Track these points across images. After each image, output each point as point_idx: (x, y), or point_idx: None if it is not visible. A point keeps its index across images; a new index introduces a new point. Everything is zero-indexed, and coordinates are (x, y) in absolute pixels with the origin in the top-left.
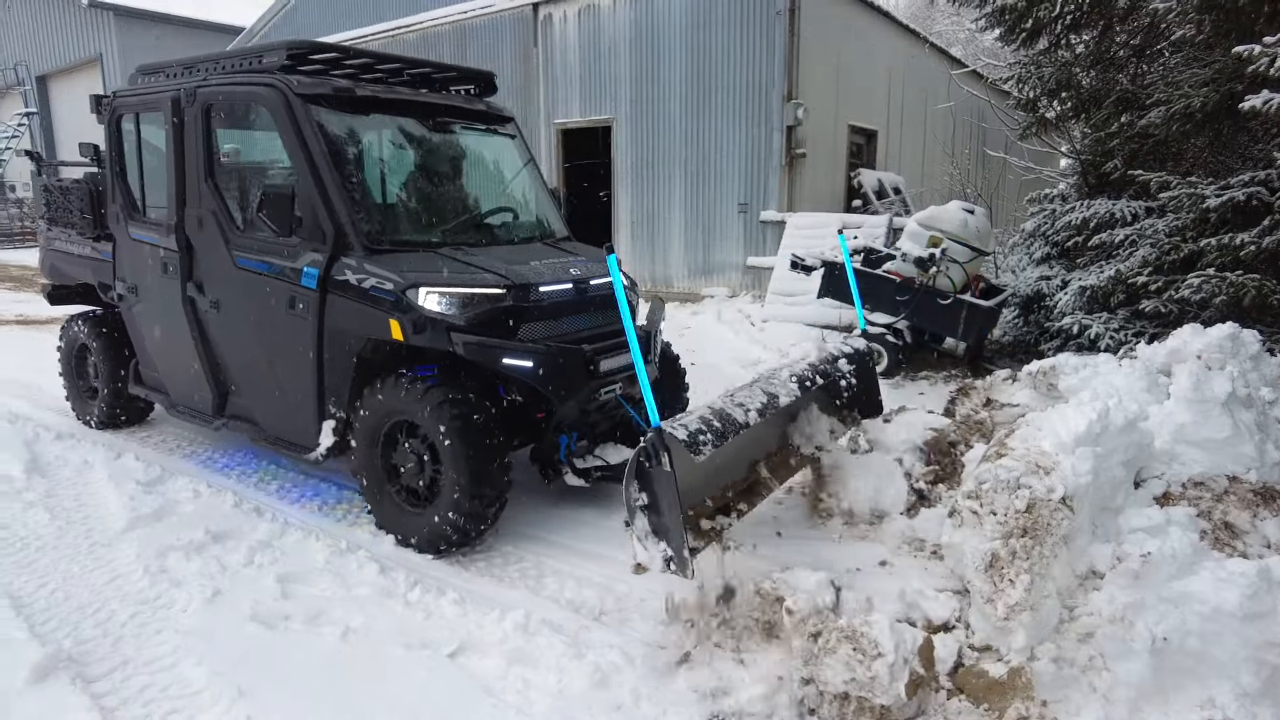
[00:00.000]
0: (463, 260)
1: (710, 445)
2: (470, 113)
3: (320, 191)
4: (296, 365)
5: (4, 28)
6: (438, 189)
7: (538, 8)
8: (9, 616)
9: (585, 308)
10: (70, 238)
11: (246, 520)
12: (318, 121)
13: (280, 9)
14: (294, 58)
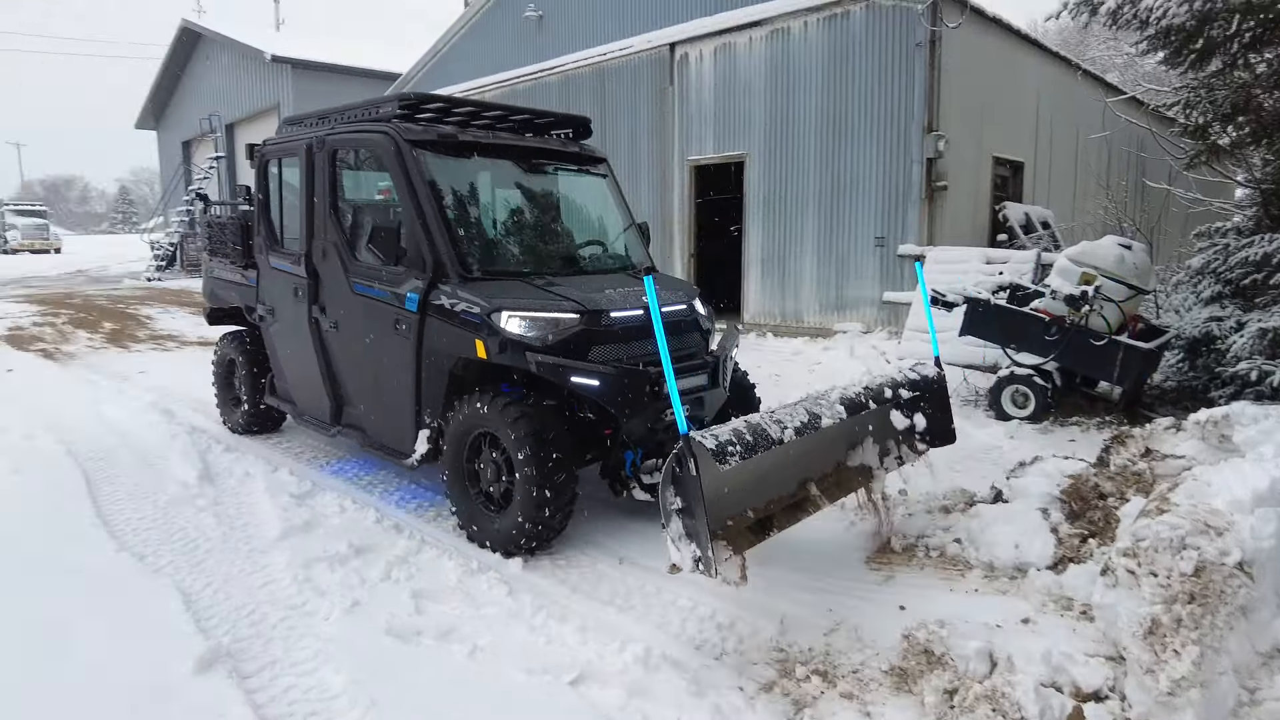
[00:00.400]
0: (544, 288)
1: (738, 456)
2: (563, 154)
3: (422, 226)
4: (399, 379)
5: (202, 82)
6: (529, 223)
7: (674, 48)
8: (179, 610)
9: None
10: (225, 266)
11: (386, 536)
12: (422, 164)
13: (431, 57)
14: (406, 108)
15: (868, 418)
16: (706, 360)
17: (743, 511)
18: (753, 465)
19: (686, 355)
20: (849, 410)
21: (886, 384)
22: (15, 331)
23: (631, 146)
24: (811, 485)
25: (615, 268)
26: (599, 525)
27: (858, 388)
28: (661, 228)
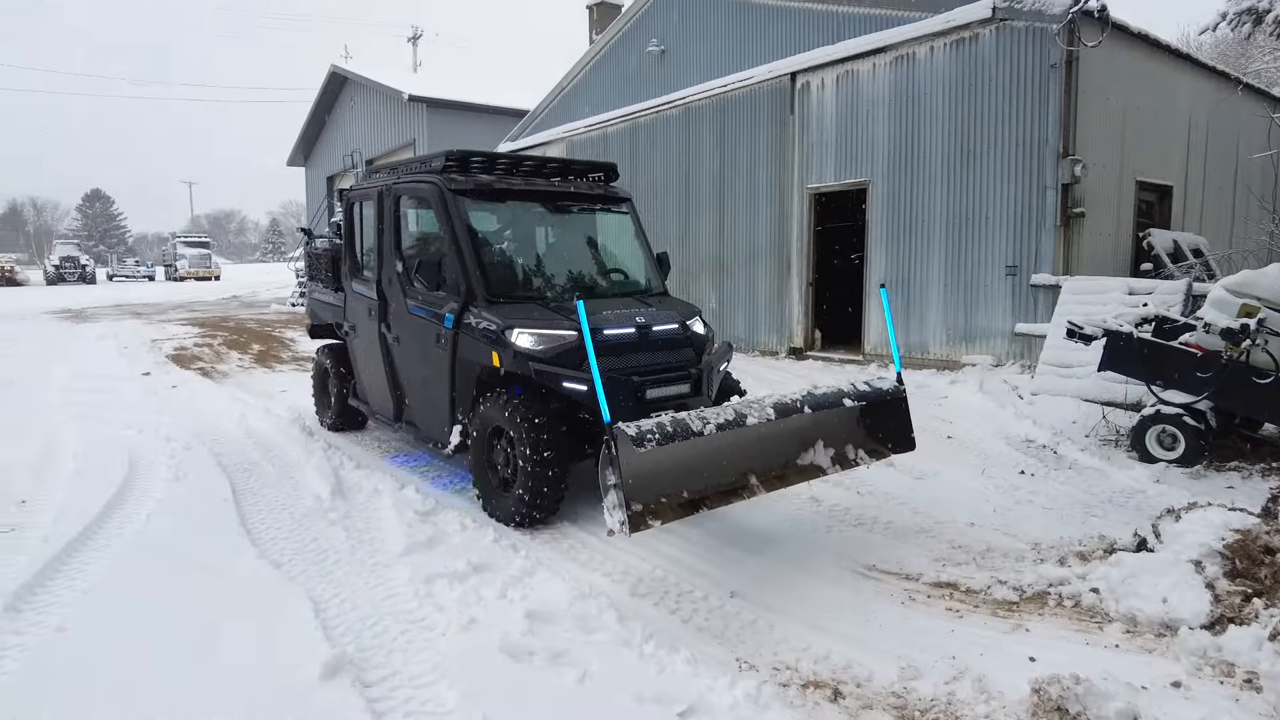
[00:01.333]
0: (554, 310)
1: (655, 443)
2: (588, 196)
3: (458, 259)
4: (439, 384)
5: (346, 122)
6: (552, 256)
7: (795, 77)
8: (309, 617)
9: (646, 347)
10: (321, 290)
11: (503, 556)
12: (461, 208)
13: (557, 94)
14: (453, 161)
15: (818, 423)
16: (690, 372)
17: (677, 490)
18: (683, 453)
19: (673, 367)
20: (778, 413)
21: (834, 394)
22: (180, 351)
23: (750, 175)
24: (752, 476)
25: (627, 292)
26: (710, 558)
27: (796, 395)
28: (779, 256)
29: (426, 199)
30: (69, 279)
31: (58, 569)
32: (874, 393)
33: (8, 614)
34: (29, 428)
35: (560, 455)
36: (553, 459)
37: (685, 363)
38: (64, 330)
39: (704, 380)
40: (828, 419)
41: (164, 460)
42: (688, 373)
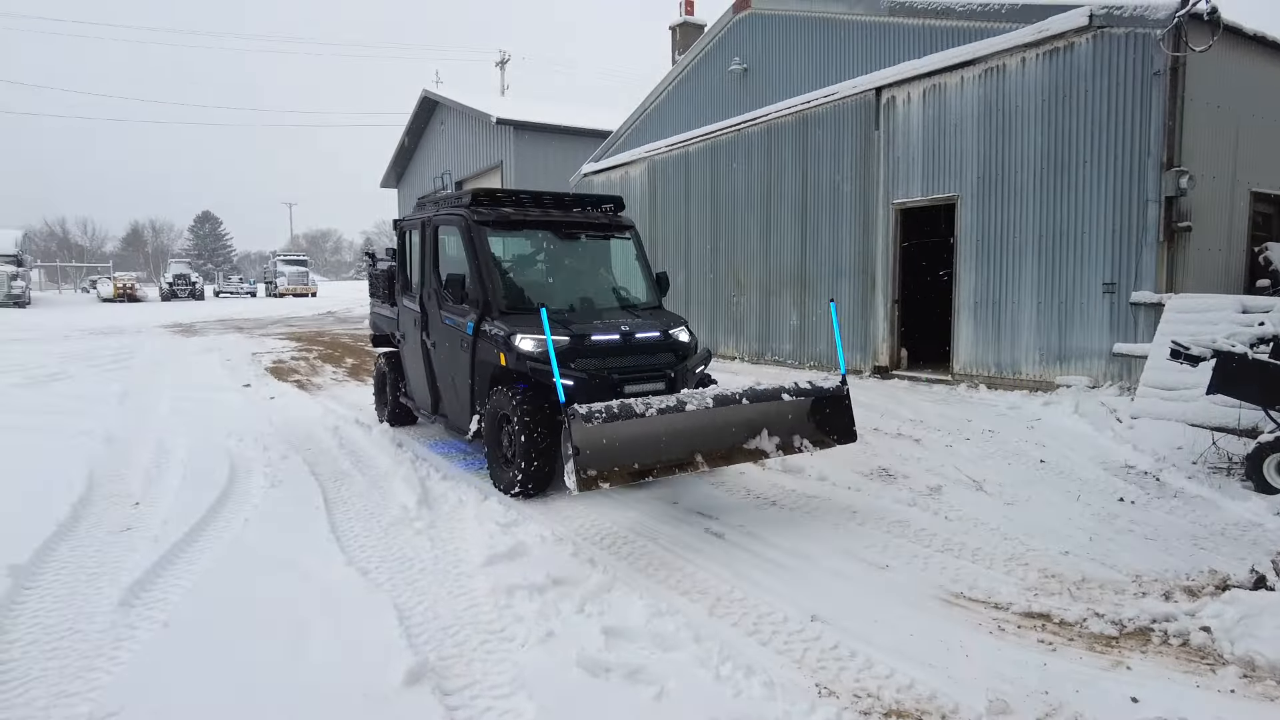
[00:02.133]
0: (553, 320)
1: (601, 420)
2: (593, 224)
3: (478, 278)
4: (463, 380)
5: (436, 144)
6: (559, 275)
7: (880, 92)
8: (394, 624)
9: (629, 351)
10: (380, 305)
11: (581, 570)
12: (481, 236)
13: (640, 114)
14: (478, 197)
15: (765, 414)
16: (667, 372)
17: (628, 462)
18: (632, 431)
19: (650, 367)
20: (717, 403)
21: (773, 389)
22: (278, 364)
23: (834, 192)
24: (698, 455)
25: (624, 306)
26: (790, 580)
27: (737, 390)
28: (863, 273)
29: (455, 228)
30: (180, 295)
31: (165, 568)
32: (815, 390)
33: (122, 608)
34: (143, 435)
35: (551, 439)
36: (543, 442)
37: (663, 364)
38: (174, 343)
39: (679, 379)
40: (775, 411)
41: (261, 468)
42: (664, 372)
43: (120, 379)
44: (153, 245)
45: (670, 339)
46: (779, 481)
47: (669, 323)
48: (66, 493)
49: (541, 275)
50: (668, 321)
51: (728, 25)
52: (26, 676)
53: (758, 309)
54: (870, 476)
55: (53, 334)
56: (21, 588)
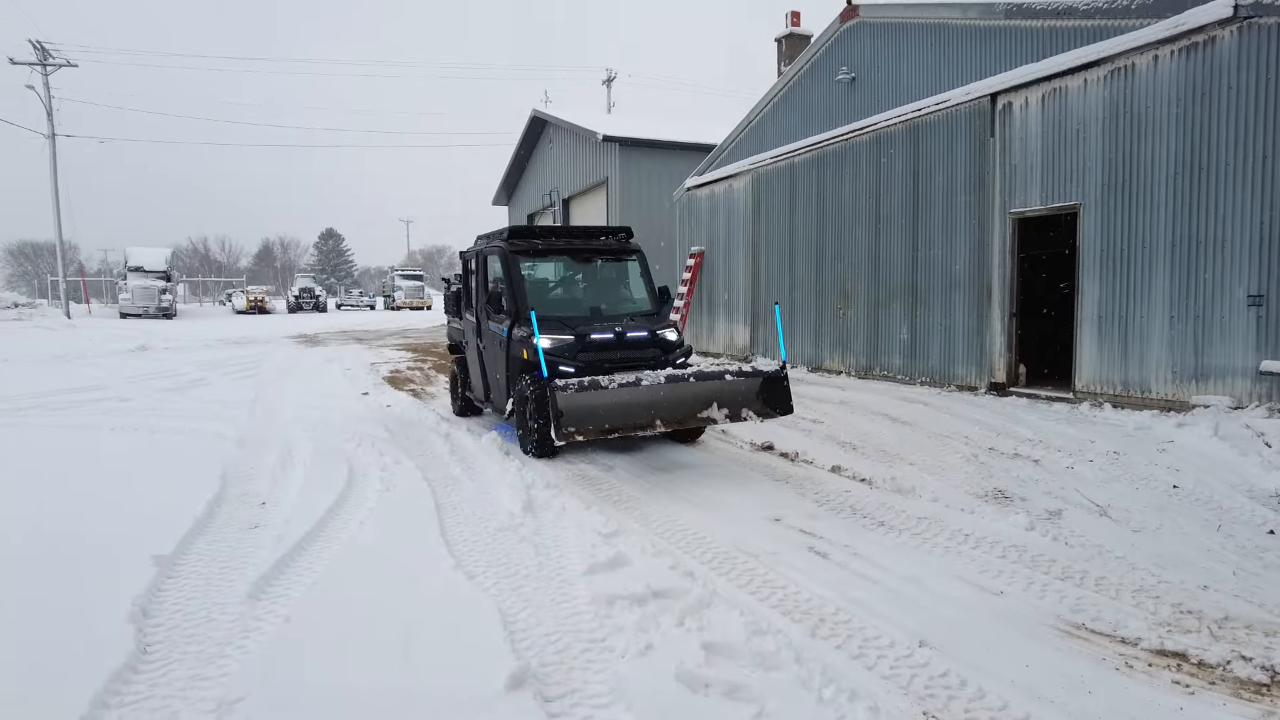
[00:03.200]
0: (565, 324)
1: (574, 391)
2: (606, 250)
3: (510, 294)
4: (502, 373)
5: (545, 162)
6: (576, 290)
7: (996, 98)
8: (498, 628)
9: (621, 347)
10: (452, 319)
11: (681, 583)
12: (515, 262)
13: (744, 127)
14: (515, 232)
15: (711, 388)
16: (651, 363)
17: (599, 424)
18: (603, 400)
19: (636, 359)
20: (669, 380)
21: (717, 371)
22: (394, 374)
23: (946, 202)
24: (658, 419)
25: (627, 313)
26: (896, 602)
27: (686, 372)
28: (978, 285)
29: (498, 256)
30: (305, 307)
31: (288, 565)
32: (758, 373)
33: (250, 600)
34: (270, 439)
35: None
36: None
37: (649, 357)
38: (300, 353)
39: (664, 368)
40: (727, 388)
41: (377, 472)
42: (649, 363)
43: (251, 386)
44: (281, 261)
45: (657, 338)
46: (888, 501)
47: (657, 325)
48: (203, 490)
49: (561, 290)
50: (657, 324)
51: (835, 35)
52: (168, 658)
53: (865, 322)
54: (985, 498)
55: (194, 343)
56: (165, 576)
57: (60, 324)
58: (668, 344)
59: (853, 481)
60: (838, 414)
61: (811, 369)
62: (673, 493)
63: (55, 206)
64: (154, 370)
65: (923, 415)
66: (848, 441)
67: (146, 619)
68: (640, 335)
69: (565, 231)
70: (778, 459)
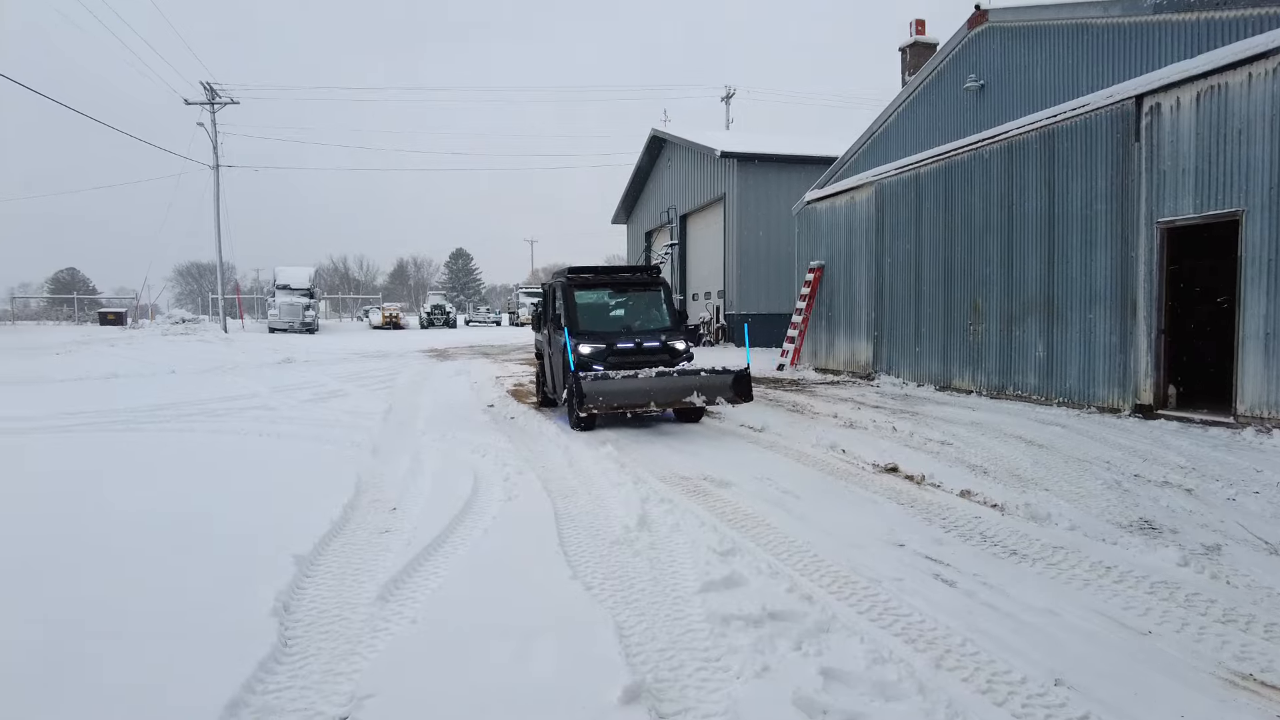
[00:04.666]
0: (602, 335)
1: (592, 380)
2: (638, 282)
3: (568, 314)
4: (561, 373)
5: (663, 180)
6: (614, 310)
7: (1142, 100)
8: (613, 641)
9: (637, 352)
10: (536, 334)
11: (798, 606)
12: (571, 292)
13: (867, 139)
14: (572, 270)
15: (691, 381)
16: (662, 362)
17: (611, 405)
18: (613, 388)
19: (649, 361)
20: (659, 375)
21: (693, 370)
22: (518, 388)
23: (1085, 210)
24: (652, 402)
25: (652, 329)
26: (1028, 635)
27: (671, 370)
28: (1120, 299)
29: (558, 288)
30: (436, 323)
31: (415, 569)
32: (728, 371)
33: (379, 602)
34: (402, 448)
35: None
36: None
37: (659, 360)
38: (430, 367)
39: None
40: (704, 382)
41: (500, 482)
42: (661, 362)
43: (385, 398)
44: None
45: (666, 346)
46: (1021, 529)
47: (670, 337)
48: (339, 495)
49: (603, 312)
50: (669, 336)
51: (962, 42)
52: (305, 652)
53: (997, 339)
54: (1129, 528)
55: (334, 356)
56: (304, 575)
57: (218, 338)
58: (675, 351)
59: (983, 507)
60: (967, 435)
61: (939, 387)
62: (789, 512)
63: (217, 230)
64: (298, 381)
65: (1060, 438)
66: (978, 465)
67: (287, 614)
68: (653, 344)
69: (609, 270)
70: (902, 481)
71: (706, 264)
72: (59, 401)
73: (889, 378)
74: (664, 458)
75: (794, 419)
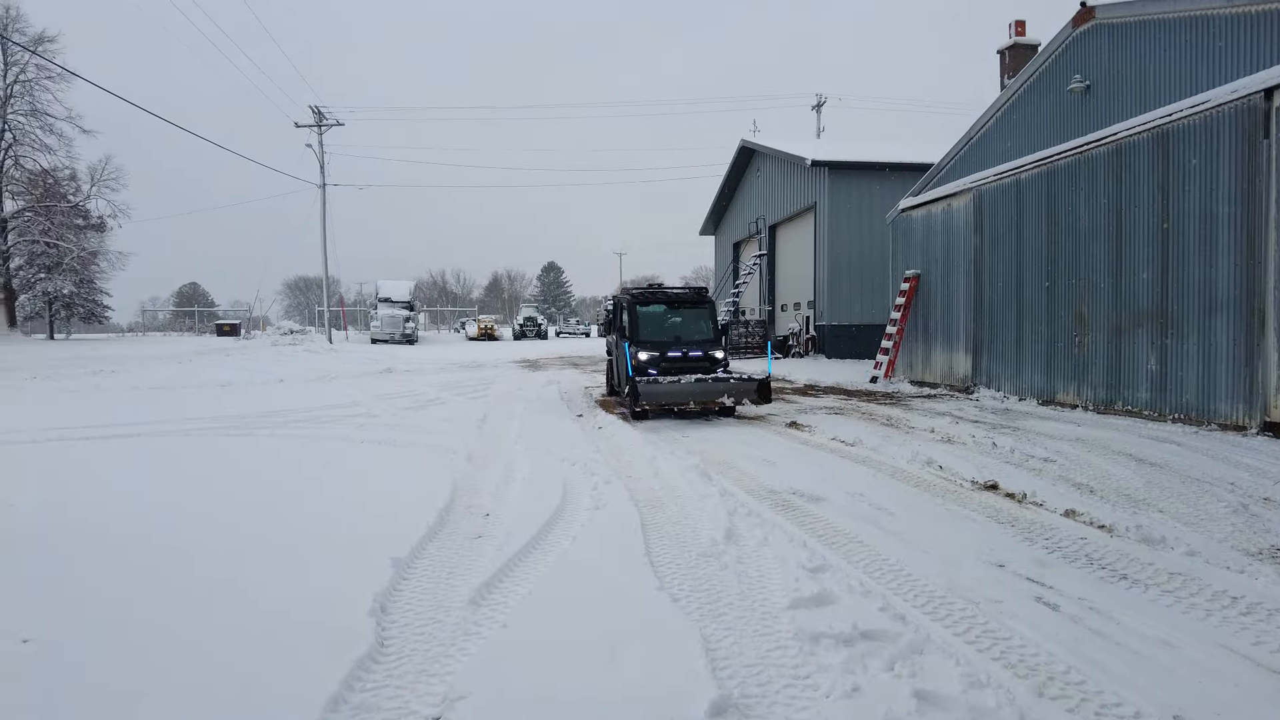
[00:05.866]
0: (656, 345)
1: (648, 382)
2: (688, 300)
3: (632, 325)
4: (624, 372)
5: (752, 191)
6: (668, 325)
7: (1271, 94)
8: (699, 653)
9: (685, 360)
10: (606, 338)
11: (891, 625)
12: (635, 308)
13: (964, 144)
14: (636, 289)
15: (723, 387)
16: (701, 370)
17: (659, 404)
18: (662, 390)
19: (694, 368)
20: (696, 382)
21: (724, 376)
22: (605, 399)
23: (1204, 214)
24: (691, 401)
25: (697, 340)
26: (1142, 666)
27: (707, 377)
28: (1246, 308)
29: (623, 303)
30: (529, 335)
31: (506, 575)
32: (754, 379)
33: (471, 605)
34: (496, 455)
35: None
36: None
37: (700, 366)
38: (523, 377)
39: (711, 373)
40: (733, 387)
41: (588, 491)
42: (700, 369)
43: (481, 407)
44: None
45: (708, 355)
46: (1132, 552)
47: (710, 348)
48: (435, 501)
49: (659, 325)
50: (711, 347)
51: (1066, 41)
52: (400, 652)
53: (1104, 350)
54: (1259, 556)
55: (432, 366)
56: (400, 577)
57: (323, 348)
58: (715, 360)
59: (1089, 528)
60: (1072, 452)
61: (1042, 401)
62: (883, 528)
63: (323, 245)
64: (397, 390)
65: (1175, 456)
66: (1083, 483)
67: (384, 615)
68: (697, 354)
69: (666, 289)
70: (1003, 499)
71: (796, 274)
72: (181, 407)
73: (988, 391)
74: (752, 471)
75: (888, 433)
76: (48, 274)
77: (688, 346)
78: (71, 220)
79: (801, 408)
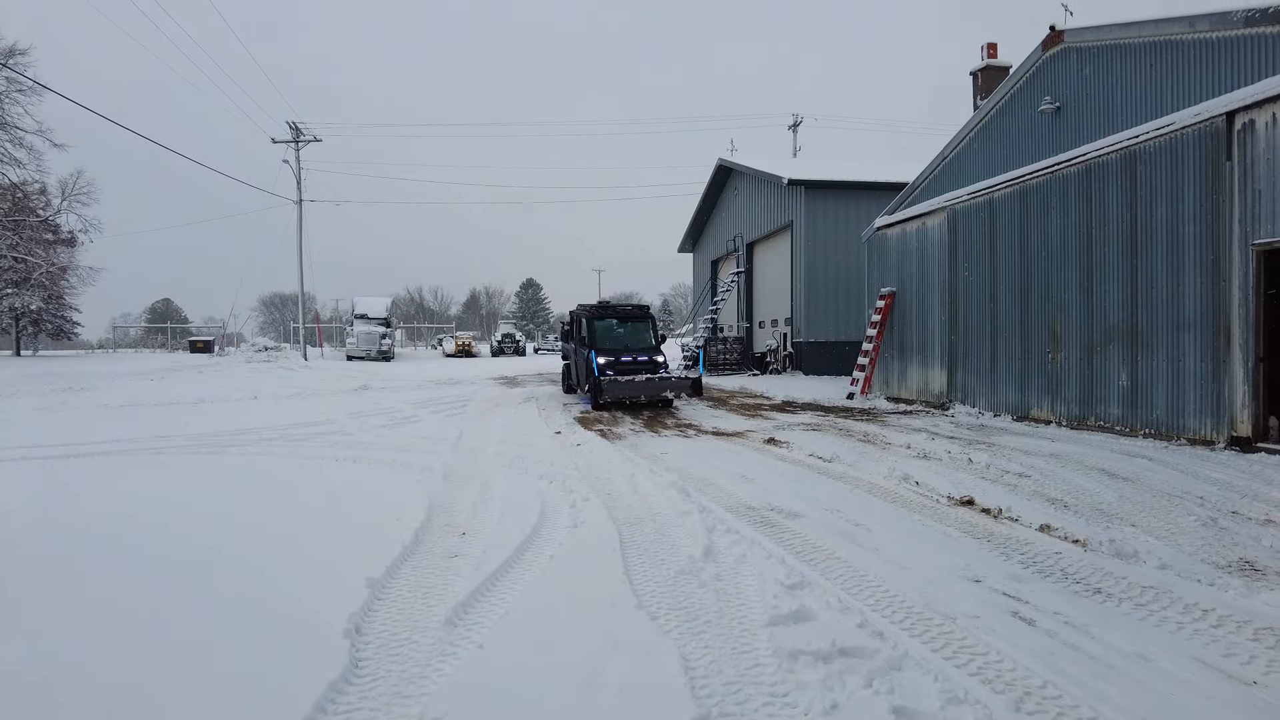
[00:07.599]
0: (611, 351)
1: (609, 381)
2: (633, 314)
3: (589, 335)
4: (583, 373)
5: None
6: (618, 335)
7: (1234, 116)
8: (678, 672)
9: (634, 364)
10: (564, 345)
11: (869, 642)
12: (591, 321)
13: (938, 164)
14: (589, 306)
15: (667, 384)
16: (647, 371)
17: (619, 398)
18: (620, 387)
19: (641, 369)
20: (645, 379)
21: (670, 374)
22: (584, 415)
23: (1171, 234)
24: (642, 396)
25: (642, 347)
26: (1116, 681)
27: (654, 376)
28: (1212, 326)
29: (581, 316)
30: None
31: (483, 594)
32: (687, 378)
33: (447, 626)
34: (472, 473)
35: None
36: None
37: (648, 367)
38: (500, 394)
39: (656, 373)
40: (672, 384)
41: (566, 508)
42: (646, 371)
43: (457, 424)
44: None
45: (652, 360)
46: (1106, 566)
47: (653, 354)
48: (411, 520)
49: (612, 334)
50: (653, 353)
51: (1036, 64)
52: (375, 674)
53: (1077, 367)
54: (1228, 569)
55: (409, 383)
56: (375, 597)
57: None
58: (656, 363)
59: (1064, 542)
60: (1047, 467)
61: (1017, 417)
62: (860, 544)
63: (299, 261)
64: (373, 408)
65: (1147, 471)
66: (1058, 498)
67: (359, 635)
68: (644, 358)
69: (615, 305)
70: (978, 514)
71: (774, 291)
72: (152, 425)
73: (964, 407)
74: (730, 487)
75: (865, 449)
76: (15, 289)
77: (636, 352)
78: (41, 235)
79: (779, 424)
